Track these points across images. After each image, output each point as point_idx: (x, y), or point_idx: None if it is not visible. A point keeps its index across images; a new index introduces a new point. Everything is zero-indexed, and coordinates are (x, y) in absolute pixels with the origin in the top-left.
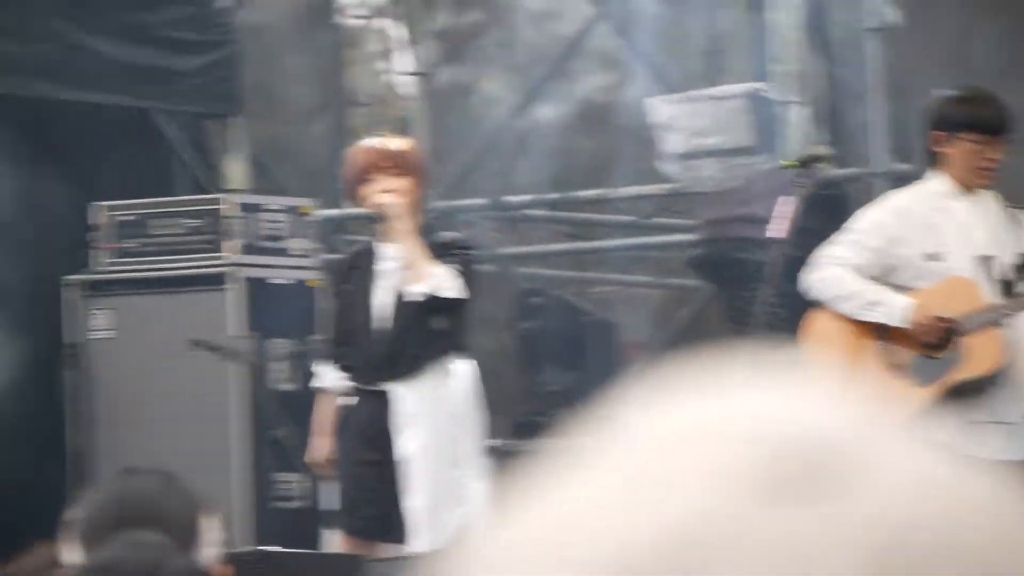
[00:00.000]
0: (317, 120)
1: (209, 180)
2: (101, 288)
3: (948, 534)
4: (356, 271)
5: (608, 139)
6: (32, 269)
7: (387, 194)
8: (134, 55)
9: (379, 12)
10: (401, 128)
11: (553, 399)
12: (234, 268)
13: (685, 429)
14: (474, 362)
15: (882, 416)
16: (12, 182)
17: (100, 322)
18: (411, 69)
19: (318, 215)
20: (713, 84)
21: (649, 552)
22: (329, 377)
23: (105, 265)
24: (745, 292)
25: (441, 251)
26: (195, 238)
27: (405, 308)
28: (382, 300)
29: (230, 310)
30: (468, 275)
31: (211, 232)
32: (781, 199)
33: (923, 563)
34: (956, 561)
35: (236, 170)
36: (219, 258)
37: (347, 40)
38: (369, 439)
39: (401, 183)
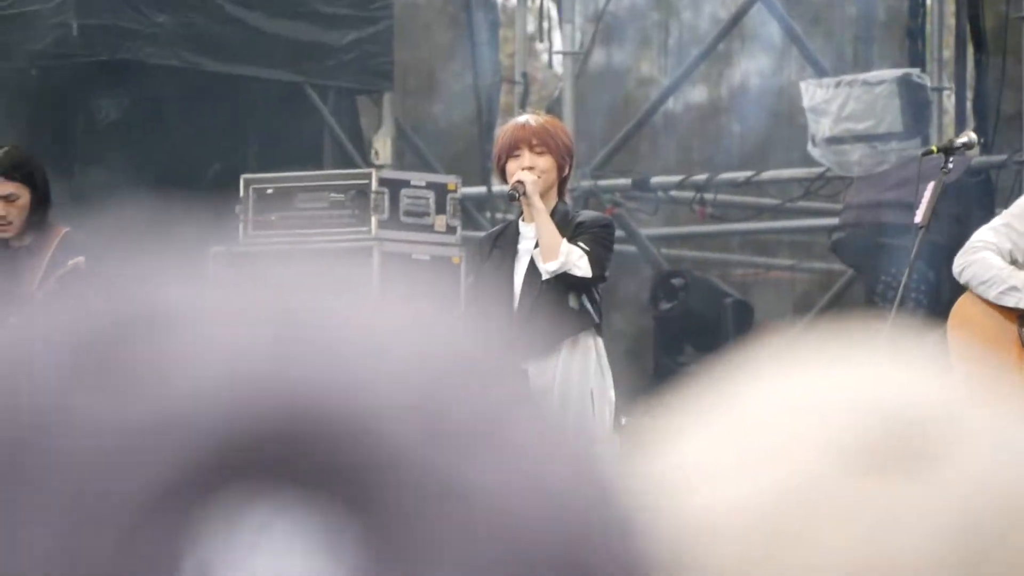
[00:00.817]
0: (469, 98)
1: (359, 155)
2: (245, 260)
3: None
4: (497, 250)
5: (761, 122)
6: (183, 240)
7: (526, 171)
8: (290, 29)
9: None
10: (552, 107)
11: (690, 380)
12: (378, 243)
13: (795, 400)
14: (600, 340)
15: (985, 394)
16: (167, 153)
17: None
18: (565, 49)
19: (464, 192)
20: (867, 69)
21: (755, 515)
22: None
23: (250, 237)
24: (886, 277)
25: (578, 230)
26: (341, 212)
27: (538, 286)
28: (520, 278)
29: (374, 285)
30: (602, 254)
31: (357, 206)
32: (926, 185)
33: (1015, 537)
34: None
35: (386, 146)
36: (364, 233)
37: (503, 18)
38: None
39: (544, 161)
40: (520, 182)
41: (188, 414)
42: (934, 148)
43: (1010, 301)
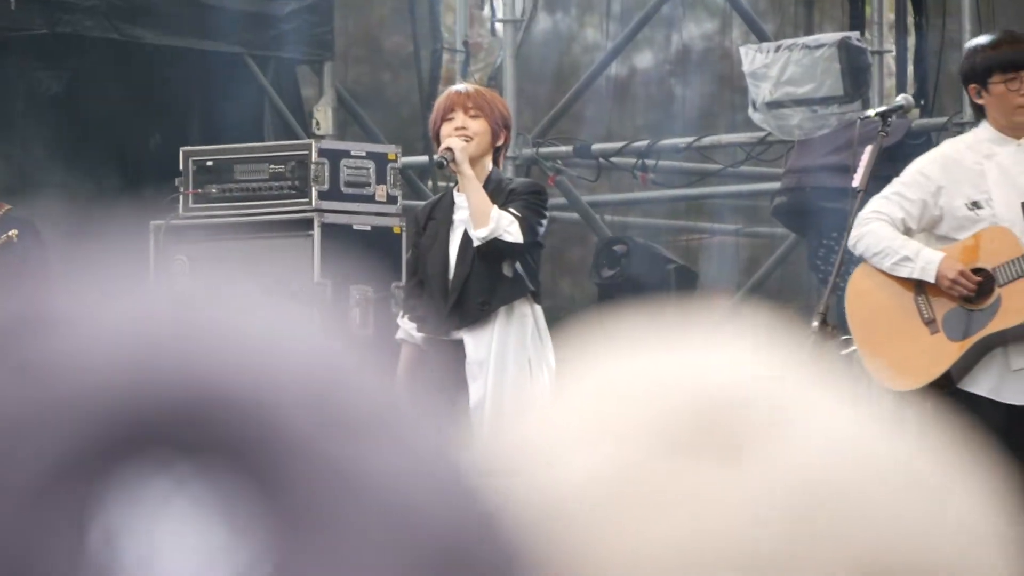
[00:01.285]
0: (411, 67)
1: (300, 126)
2: (183, 233)
3: (861, 494)
4: (432, 220)
5: (705, 87)
6: (124, 213)
7: (458, 136)
8: (228, 0)
9: None
10: (495, 75)
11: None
12: (319, 214)
13: (622, 381)
14: (537, 307)
15: (810, 375)
16: (107, 126)
17: (179, 267)
18: (505, 16)
19: (405, 161)
20: (810, 33)
21: (572, 497)
22: (407, 328)
23: (190, 210)
24: (827, 240)
25: (510, 197)
26: (281, 183)
27: (471, 255)
28: (455, 248)
29: (315, 256)
30: (534, 220)
31: (296, 178)
32: (864, 149)
33: (835, 520)
34: (867, 521)
35: (327, 116)
36: (304, 204)
37: None
38: (441, 388)
39: (477, 124)
40: (448, 148)
41: (92, 390)
42: (871, 112)
43: (904, 271)
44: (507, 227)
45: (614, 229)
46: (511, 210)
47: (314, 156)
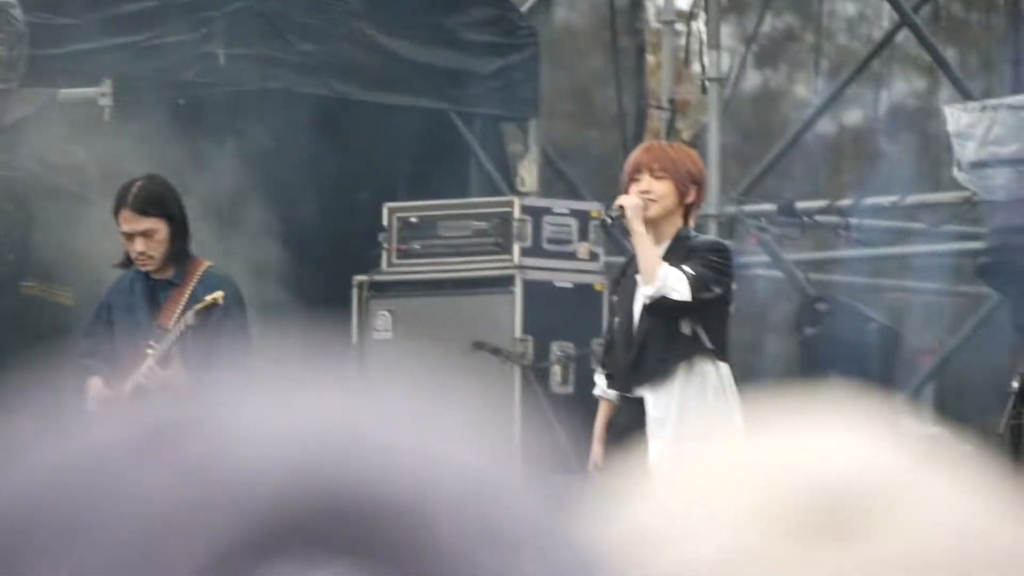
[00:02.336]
0: (617, 124)
1: (505, 182)
2: (386, 289)
3: (968, 573)
4: (625, 277)
5: (912, 145)
6: (329, 268)
7: (632, 195)
8: (434, 57)
9: (685, 16)
10: (700, 132)
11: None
12: (520, 271)
13: (737, 466)
14: (726, 365)
15: (911, 456)
16: (313, 182)
17: (382, 323)
18: (711, 74)
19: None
20: (1015, 93)
21: None
22: (601, 384)
23: (393, 266)
24: None
25: (690, 254)
26: (483, 240)
27: (646, 312)
28: (639, 306)
29: (517, 312)
30: (709, 277)
31: (499, 234)
32: None
33: None
34: None
35: (531, 172)
36: (506, 260)
37: (650, 44)
38: (625, 445)
39: (662, 186)
40: (621, 206)
41: (246, 489)
42: None
43: None
44: (674, 285)
45: (817, 287)
46: (684, 268)
47: (517, 213)
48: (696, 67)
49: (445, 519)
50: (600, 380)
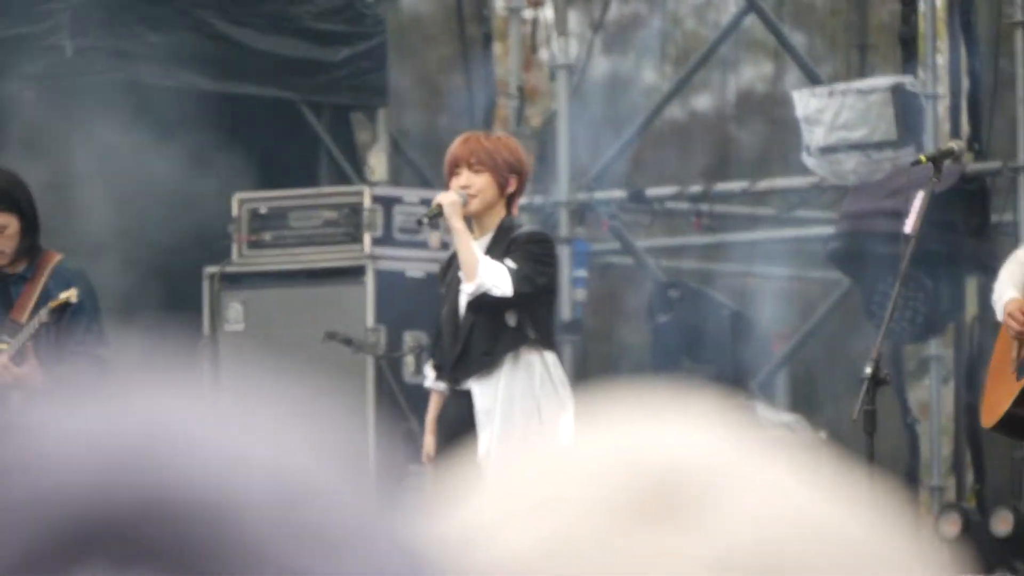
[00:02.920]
0: (466, 112)
1: (355, 172)
2: (237, 280)
3: (799, 560)
4: (451, 269)
5: (762, 131)
6: (178, 259)
7: (450, 191)
8: (281, 46)
9: (532, 3)
10: (550, 119)
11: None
12: (372, 260)
13: (562, 454)
14: (553, 354)
15: (748, 443)
16: (159, 172)
17: (234, 314)
18: (560, 61)
19: None
20: (862, 77)
21: (524, 569)
22: (430, 376)
23: (243, 256)
24: (883, 286)
25: (511, 246)
26: (334, 230)
27: (469, 306)
28: (464, 299)
29: (369, 302)
30: (531, 270)
31: (350, 224)
32: (917, 194)
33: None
34: None
35: (381, 162)
36: (357, 250)
37: (498, 31)
38: (455, 437)
39: (481, 179)
40: (439, 204)
41: (56, 492)
42: (923, 157)
43: (997, 313)
44: (496, 281)
45: (668, 274)
46: (506, 262)
47: (367, 202)
48: (544, 54)
49: (255, 520)
50: (429, 372)
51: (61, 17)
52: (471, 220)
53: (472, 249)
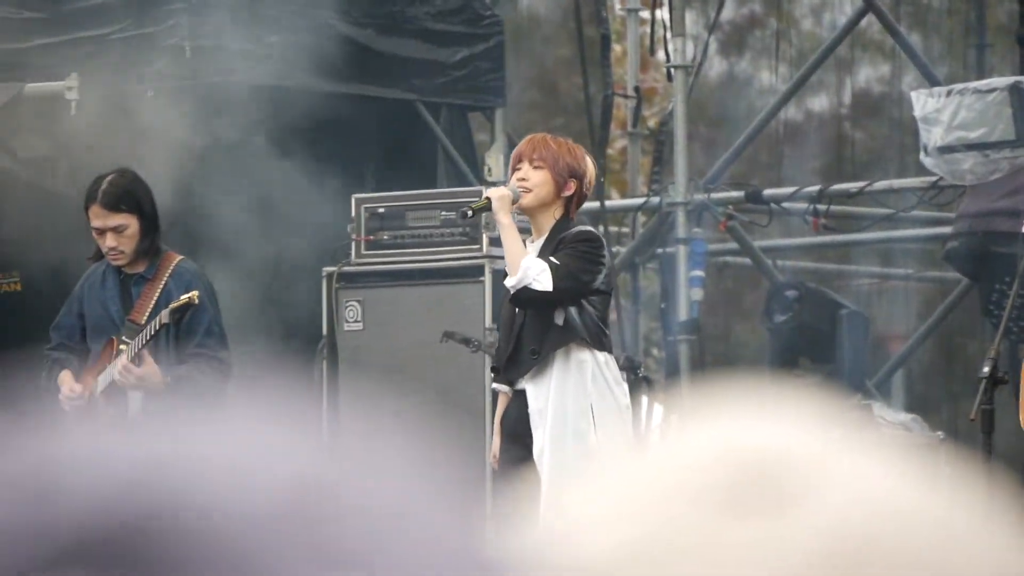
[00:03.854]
0: (583, 112)
1: (472, 172)
2: (355, 280)
3: (895, 547)
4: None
5: (878, 131)
6: (300, 259)
7: (519, 185)
8: (400, 47)
9: (649, 4)
10: (666, 120)
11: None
12: (490, 260)
13: (669, 451)
14: (600, 353)
15: (843, 435)
16: (281, 173)
17: (352, 314)
18: (675, 62)
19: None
20: (980, 77)
21: (631, 563)
22: (494, 378)
23: (362, 256)
24: (1000, 285)
25: (559, 245)
26: (452, 230)
27: (518, 305)
28: None
29: (486, 302)
30: (575, 267)
31: (468, 224)
32: None
33: (867, 566)
34: (903, 572)
35: (498, 162)
36: (475, 250)
37: (615, 32)
38: (516, 437)
39: (538, 175)
40: (487, 197)
41: (53, 509)
42: None
43: None
44: (536, 276)
45: (786, 274)
46: (550, 259)
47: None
48: (661, 55)
49: (247, 533)
50: (495, 374)
51: (180, 17)
52: (531, 220)
53: (517, 244)
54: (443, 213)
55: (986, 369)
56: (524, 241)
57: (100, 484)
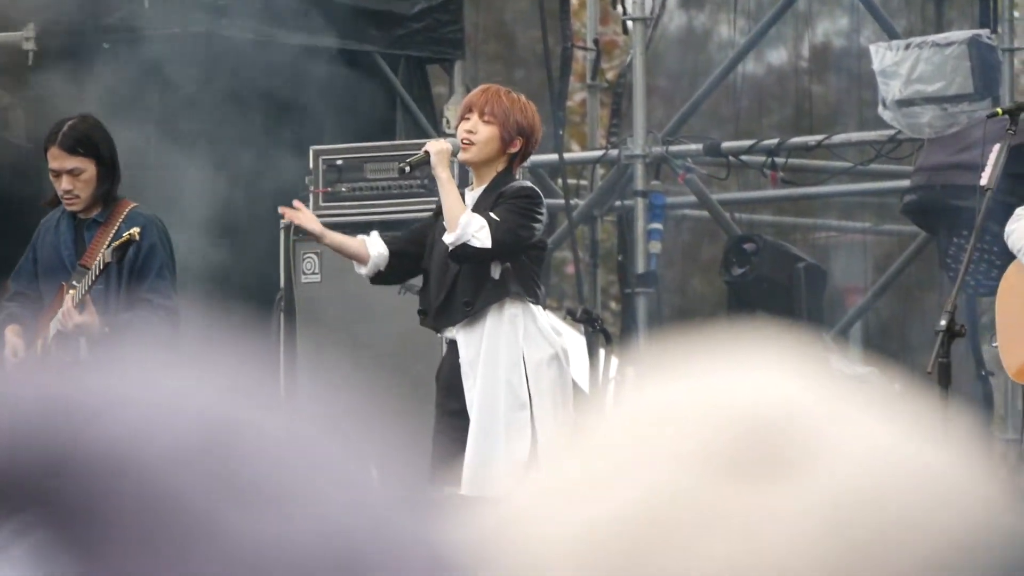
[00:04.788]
0: (543, 65)
1: (431, 124)
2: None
3: (902, 508)
4: (439, 218)
5: (837, 84)
6: (256, 210)
7: (463, 136)
8: None
9: None
10: (624, 72)
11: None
12: None
13: (667, 408)
14: (532, 306)
15: (847, 394)
16: (237, 125)
17: (310, 266)
18: (635, 14)
19: (536, 160)
20: (939, 31)
21: (619, 528)
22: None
23: (320, 209)
24: (958, 239)
25: (497, 200)
26: (410, 182)
27: (452, 256)
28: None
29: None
30: (515, 223)
31: (426, 176)
32: (992, 147)
33: (877, 534)
34: (909, 533)
35: (456, 114)
36: (433, 203)
37: None
38: (451, 388)
39: (487, 130)
40: (426, 151)
41: None
42: (999, 110)
43: None
44: (475, 232)
45: (744, 227)
46: (489, 214)
47: None
48: (620, 8)
49: (171, 473)
50: (421, 316)
51: None
52: (472, 171)
53: (456, 199)
54: (401, 165)
55: (943, 322)
56: (463, 192)
57: (9, 426)
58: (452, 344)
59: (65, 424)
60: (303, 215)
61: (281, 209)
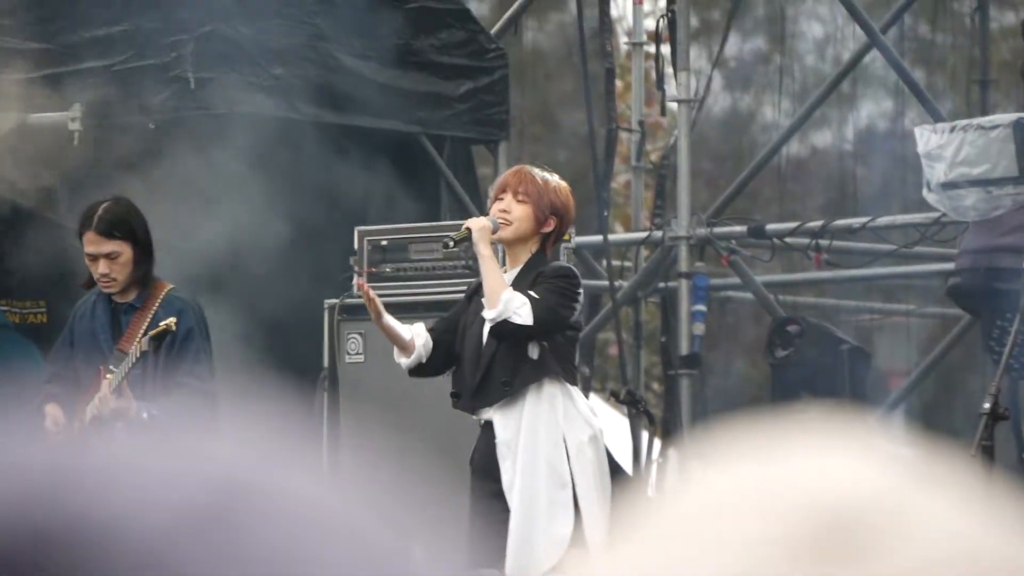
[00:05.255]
0: (587, 146)
1: (475, 205)
2: (357, 312)
3: None
4: (476, 296)
5: (881, 167)
6: (302, 291)
7: (499, 216)
8: (404, 80)
9: (653, 38)
10: (668, 154)
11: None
12: None
13: (744, 491)
14: (571, 387)
15: (921, 476)
16: (283, 206)
17: (354, 346)
18: (680, 96)
19: (580, 241)
20: (983, 114)
21: None
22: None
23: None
24: (1002, 322)
25: (537, 279)
26: (455, 263)
27: (491, 335)
28: (487, 328)
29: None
30: (554, 302)
31: (470, 257)
32: None
33: None
34: None
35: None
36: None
37: (620, 66)
38: (487, 472)
39: (521, 209)
40: (467, 228)
41: None
42: None
43: None
44: (517, 309)
45: (787, 309)
46: (529, 292)
47: None
48: (664, 90)
49: (176, 542)
50: (454, 399)
51: (185, 49)
52: (507, 252)
53: (498, 276)
54: (444, 240)
55: (987, 405)
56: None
57: (12, 495)
58: (487, 426)
59: (66, 494)
60: (372, 291)
61: (357, 281)
